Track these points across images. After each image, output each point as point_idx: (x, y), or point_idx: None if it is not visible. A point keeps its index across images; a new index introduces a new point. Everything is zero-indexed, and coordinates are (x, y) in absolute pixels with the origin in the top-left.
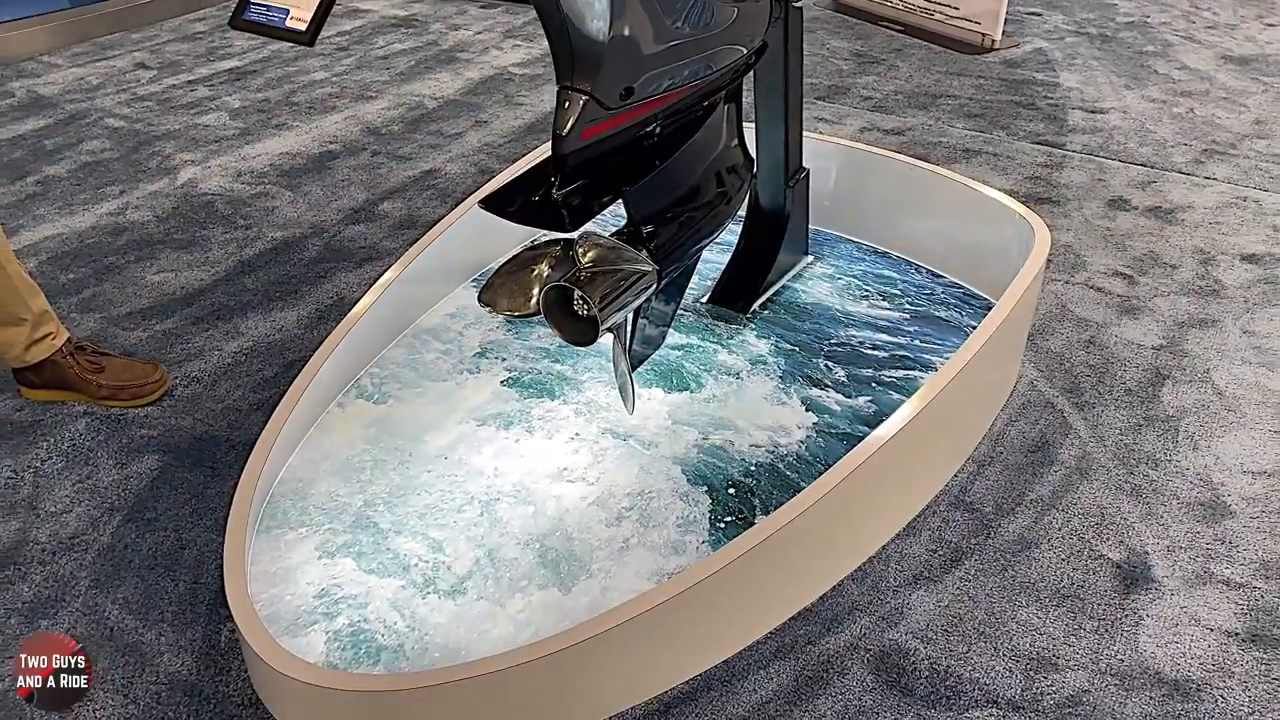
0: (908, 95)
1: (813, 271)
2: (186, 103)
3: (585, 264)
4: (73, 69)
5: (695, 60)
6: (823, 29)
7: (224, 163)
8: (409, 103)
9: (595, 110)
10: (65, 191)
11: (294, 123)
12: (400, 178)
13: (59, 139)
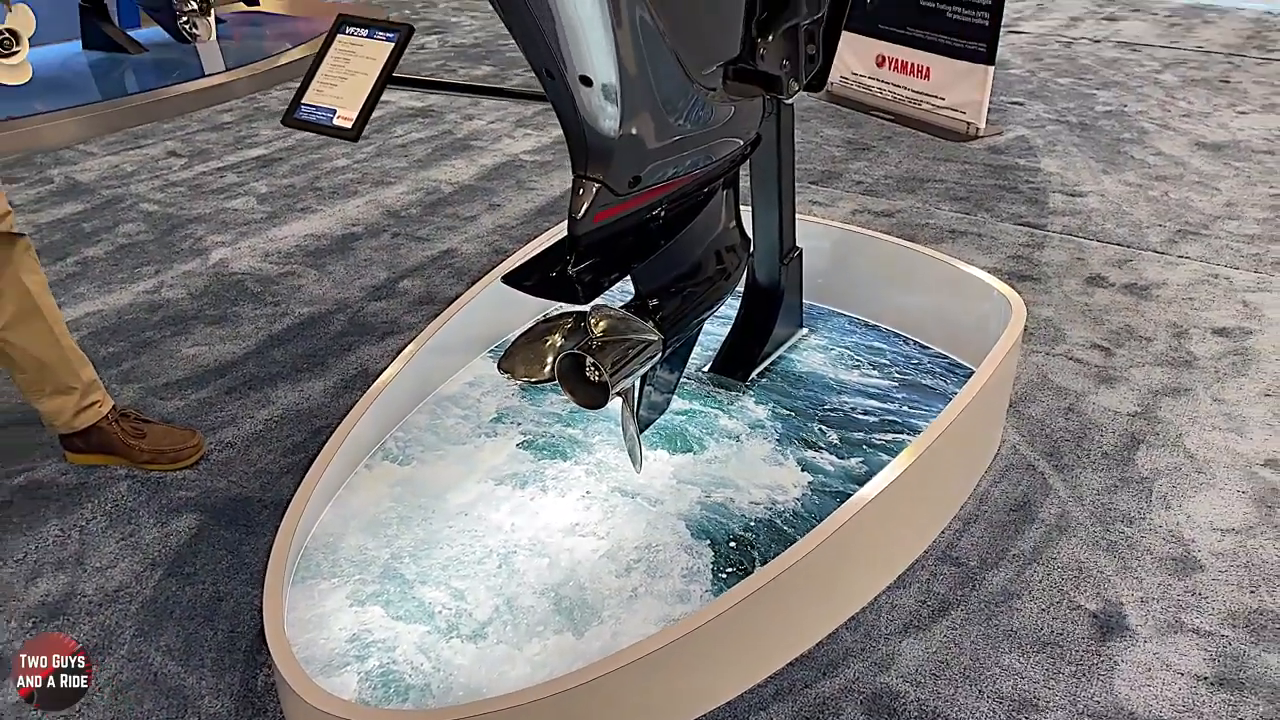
0: (897, 180)
1: (807, 343)
2: (216, 188)
3: (597, 333)
4: (108, 157)
5: (696, 152)
6: (816, 118)
7: (253, 244)
8: (426, 187)
9: (607, 196)
10: (104, 271)
11: (318, 206)
12: (419, 257)
13: (96, 222)
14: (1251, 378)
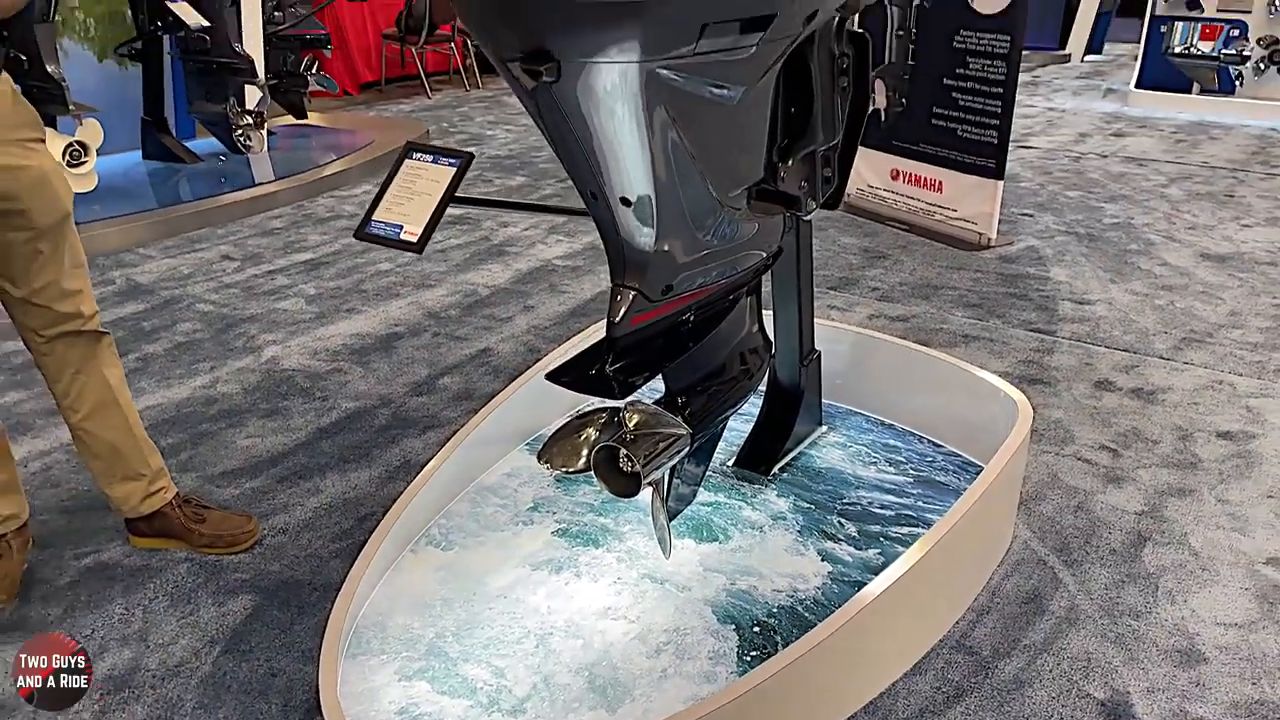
0: (912, 286)
1: (826, 440)
2: (267, 290)
3: (631, 427)
4: (166, 260)
5: (723, 263)
6: (835, 227)
7: (302, 342)
8: (465, 290)
9: (642, 303)
10: (163, 367)
11: (363, 307)
12: (458, 356)
13: (155, 321)
14: (1254, 480)
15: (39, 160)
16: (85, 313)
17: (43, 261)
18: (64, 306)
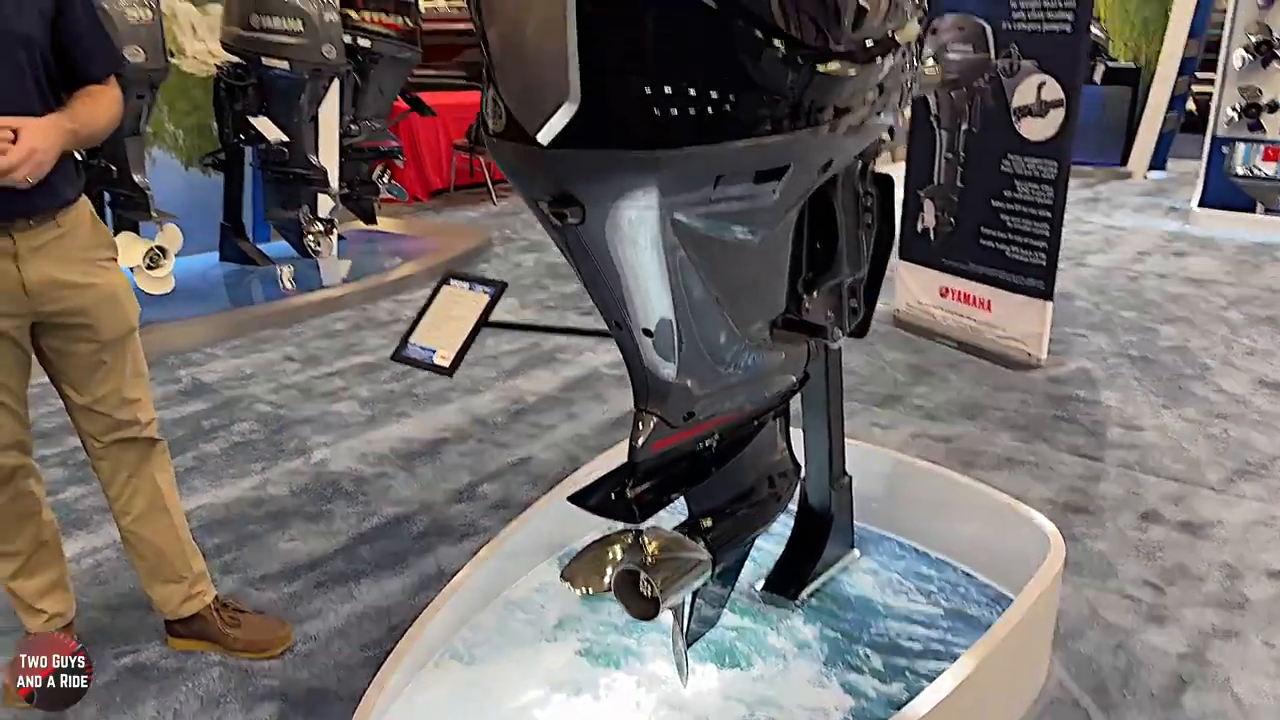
0: (958, 406)
1: (857, 565)
2: (324, 391)
3: (651, 551)
4: (231, 359)
5: (745, 391)
6: (882, 342)
7: (351, 445)
8: (512, 396)
9: (663, 429)
10: (217, 466)
11: (413, 412)
12: (500, 463)
13: (215, 420)
14: None
15: (109, 278)
16: (142, 420)
17: (105, 372)
18: (122, 414)
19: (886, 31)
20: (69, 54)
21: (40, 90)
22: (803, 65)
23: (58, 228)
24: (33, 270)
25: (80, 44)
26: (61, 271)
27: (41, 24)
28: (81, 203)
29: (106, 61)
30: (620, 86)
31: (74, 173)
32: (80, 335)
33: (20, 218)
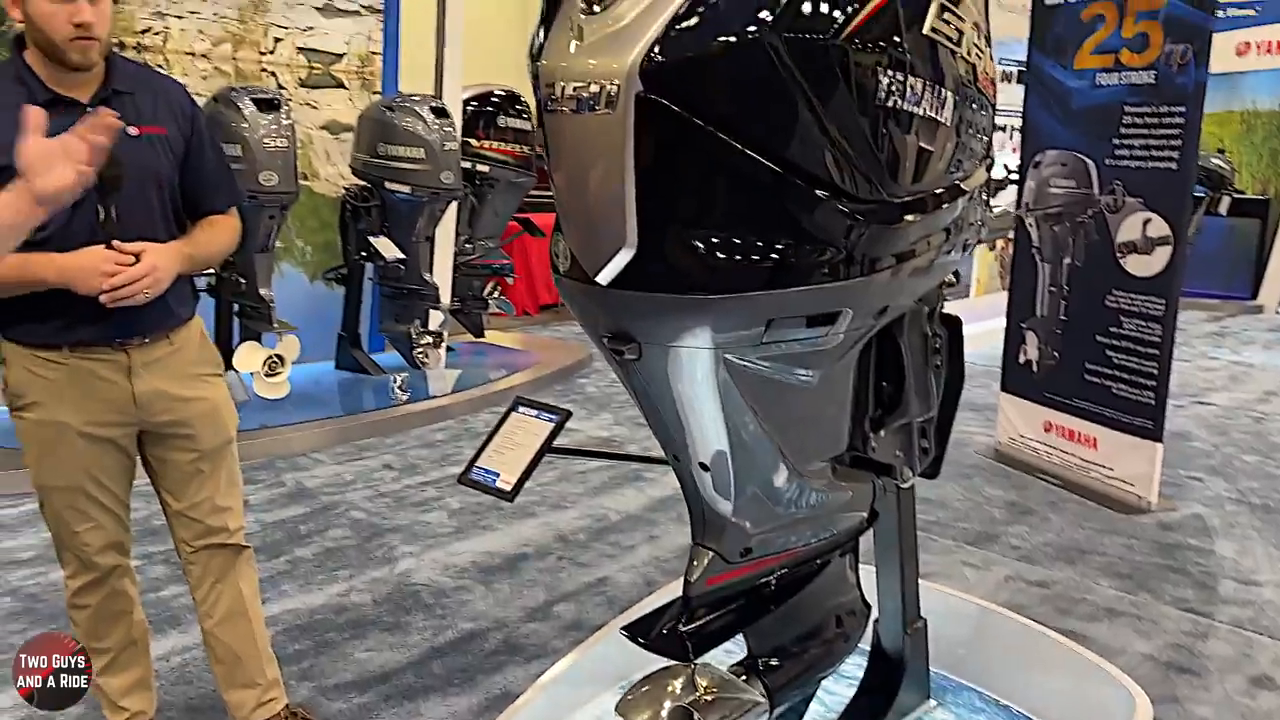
0: (1057, 548)
1: (933, 715)
2: (416, 501)
3: (705, 690)
4: (334, 466)
5: (807, 528)
6: (980, 476)
7: (435, 556)
8: (596, 514)
9: (719, 564)
10: (307, 572)
11: (498, 525)
12: (577, 582)
13: (311, 525)
14: None
15: (212, 393)
16: (232, 528)
17: (202, 480)
18: (214, 521)
19: (952, 180)
20: (196, 189)
21: (167, 220)
22: (856, 218)
23: (170, 344)
24: (143, 383)
25: (206, 181)
26: (169, 385)
27: (174, 164)
28: (193, 321)
29: (228, 196)
30: (673, 235)
31: (189, 294)
32: (181, 444)
33: (136, 335)
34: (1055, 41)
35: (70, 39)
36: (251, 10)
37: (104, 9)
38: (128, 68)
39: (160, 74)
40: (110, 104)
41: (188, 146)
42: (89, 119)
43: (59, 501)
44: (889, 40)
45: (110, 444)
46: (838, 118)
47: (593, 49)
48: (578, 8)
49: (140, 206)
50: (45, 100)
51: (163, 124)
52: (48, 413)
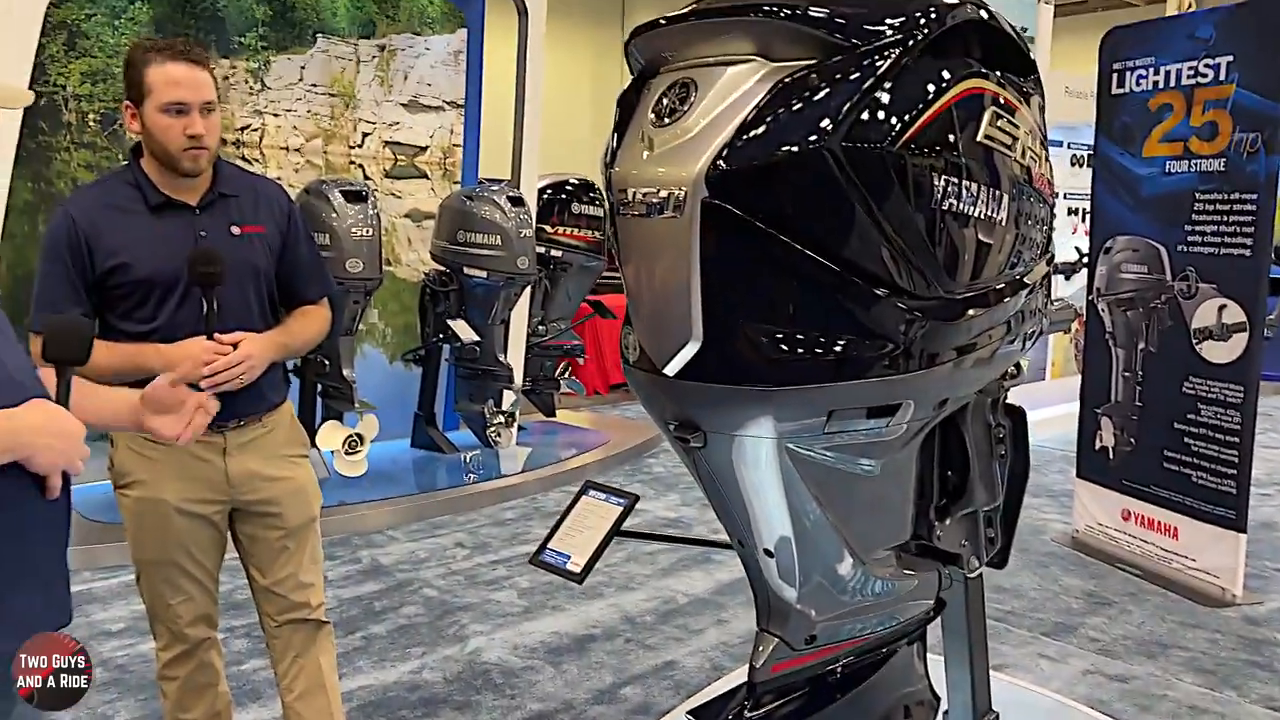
0: (1137, 641)
1: None
2: (487, 580)
3: None
4: (408, 543)
5: (873, 616)
6: (1058, 565)
7: (505, 636)
8: (664, 596)
9: (784, 650)
10: (381, 648)
11: (567, 605)
12: (644, 665)
13: (386, 602)
14: None
15: (299, 473)
16: (313, 603)
17: (287, 556)
18: (297, 596)
19: (1012, 276)
20: (292, 281)
21: (263, 310)
22: (915, 314)
23: (262, 427)
24: (236, 464)
25: (301, 273)
26: (260, 465)
27: (271, 259)
28: (284, 405)
29: (320, 287)
30: (737, 330)
31: (280, 380)
32: (268, 522)
33: (232, 419)
34: (1122, 129)
35: (184, 149)
36: (342, 107)
37: (214, 121)
38: (232, 172)
39: (260, 177)
40: (215, 206)
41: (284, 242)
42: (192, 407)
43: (154, 575)
44: (944, 147)
45: (204, 520)
46: (895, 220)
47: (662, 158)
48: (648, 120)
49: (239, 299)
50: (158, 204)
51: (262, 223)
52: (148, 490)
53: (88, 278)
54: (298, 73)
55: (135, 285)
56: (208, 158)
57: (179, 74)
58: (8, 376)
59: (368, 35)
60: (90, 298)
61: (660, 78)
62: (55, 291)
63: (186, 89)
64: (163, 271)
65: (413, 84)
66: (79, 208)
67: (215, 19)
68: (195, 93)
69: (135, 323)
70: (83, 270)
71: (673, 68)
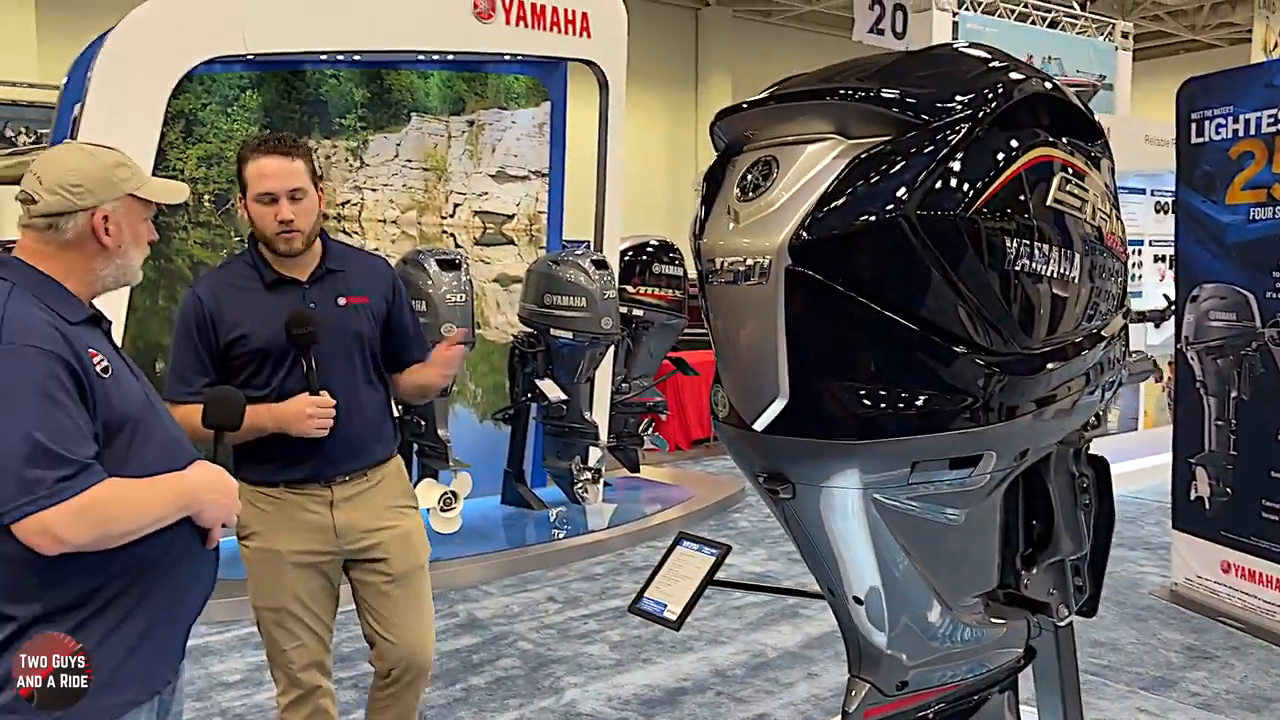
0: (1240, 696)
1: None
2: (579, 633)
3: None
4: (502, 597)
5: (962, 664)
6: (1156, 619)
7: (599, 688)
8: (753, 650)
9: (876, 696)
10: (480, 700)
11: (658, 658)
12: (736, 718)
13: (483, 655)
14: None
15: (406, 522)
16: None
17: (394, 603)
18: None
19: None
20: (396, 345)
21: (366, 371)
22: (994, 369)
23: (368, 481)
24: (342, 516)
25: (403, 337)
26: (366, 518)
27: (374, 326)
28: (393, 459)
29: (424, 350)
30: (821, 387)
31: (389, 435)
32: (375, 568)
33: (340, 474)
34: (1204, 178)
35: (276, 233)
36: (434, 180)
37: (305, 206)
38: (339, 249)
39: (367, 252)
40: (324, 280)
41: (389, 310)
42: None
43: (270, 620)
44: (1014, 211)
45: (314, 569)
46: (970, 281)
47: (747, 230)
48: (734, 195)
49: (344, 362)
50: (271, 281)
51: (366, 294)
52: (265, 541)
53: (213, 350)
54: (394, 149)
55: (252, 355)
56: (300, 240)
57: (269, 167)
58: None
59: (458, 112)
60: (216, 367)
61: (744, 155)
62: (185, 363)
63: (274, 179)
64: (275, 342)
65: (500, 155)
66: (205, 289)
67: (318, 103)
68: (281, 182)
69: (253, 388)
70: (208, 344)
71: (755, 146)
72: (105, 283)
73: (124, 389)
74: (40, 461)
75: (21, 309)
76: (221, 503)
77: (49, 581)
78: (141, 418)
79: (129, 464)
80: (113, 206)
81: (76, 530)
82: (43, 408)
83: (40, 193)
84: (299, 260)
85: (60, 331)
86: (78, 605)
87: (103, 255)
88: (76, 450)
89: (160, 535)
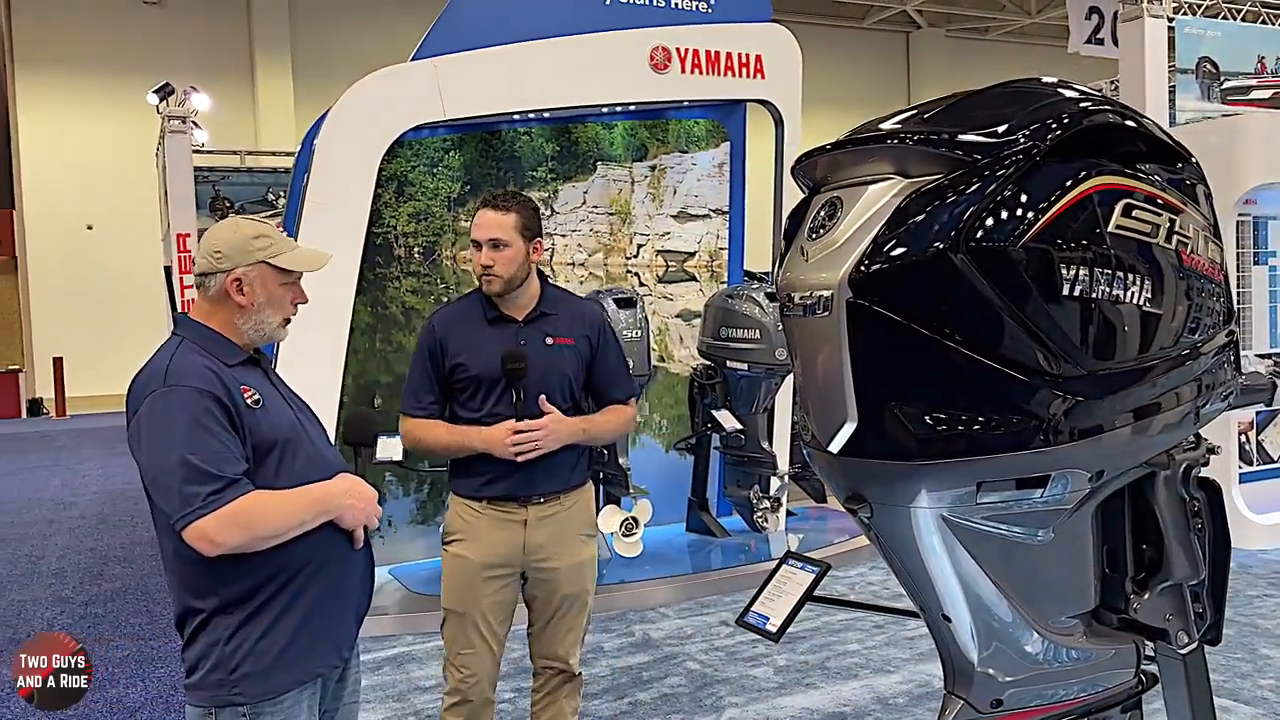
0: None
1: None
2: (746, 656)
3: None
4: (677, 619)
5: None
6: None
7: (759, 709)
8: (919, 680)
9: (969, 712)
10: (644, 714)
11: (821, 683)
12: None
13: (653, 672)
14: None
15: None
16: (573, 662)
17: (557, 618)
18: (559, 649)
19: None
20: (600, 384)
21: (566, 405)
22: (1053, 392)
23: (560, 504)
24: (533, 534)
25: (608, 377)
26: (552, 540)
27: (579, 365)
28: (584, 487)
29: (626, 389)
30: (884, 410)
31: (582, 465)
32: (548, 586)
33: (536, 495)
34: None
35: (480, 275)
36: (619, 223)
37: (504, 255)
38: (555, 294)
39: (580, 298)
40: (537, 321)
41: (594, 352)
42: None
43: (453, 623)
44: (1066, 240)
45: (500, 581)
46: (1021, 307)
47: (815, 266)
48: (805, 234)
49: (546, 393)
50: (492, 318)
51: (572, 335)
52: (463, 549)
53: (440, 373)
54: (581, 197)
55: (470, 380)
56: (500, 283)
57: (482, 218)
58: (318, 453)
59: (640, 158)
60: (442, 388)
61: (819, 196)
62: (418, 383)
63: (481, 229)
64: (489, 371)
65: (681, 196)
66: (439, 319)
67: (513, 158)
68: (486, 232)
69: (468, 410)
70: (437, 367)
71: (828, 187)
72: (248, 335)
73: (273, 417)
74: (195, 479)
75: (185, 358)
76: (359, 507)
77: (221, 580)
78: (290, 438)
79: (279, 478)
80: (244, 271)
81: (228, 534)
82: (195, 435)
83: (197, 258)
84: (517, 301)
85: (215, 373)
86: (246, 599)
87: (240, 312)
88: (225, 469)
89: (309, 539)
